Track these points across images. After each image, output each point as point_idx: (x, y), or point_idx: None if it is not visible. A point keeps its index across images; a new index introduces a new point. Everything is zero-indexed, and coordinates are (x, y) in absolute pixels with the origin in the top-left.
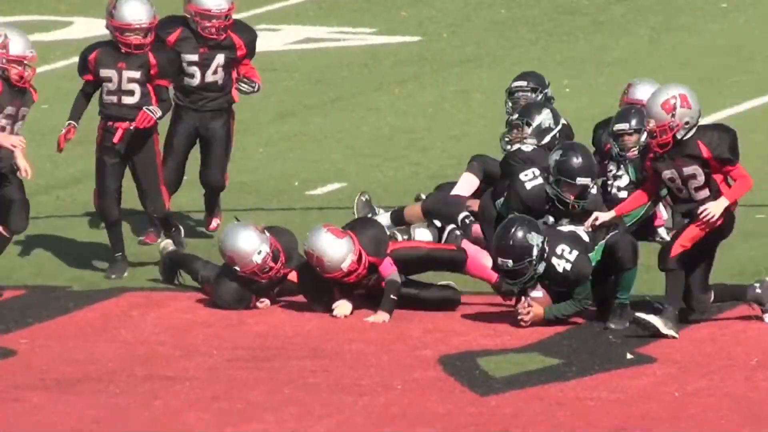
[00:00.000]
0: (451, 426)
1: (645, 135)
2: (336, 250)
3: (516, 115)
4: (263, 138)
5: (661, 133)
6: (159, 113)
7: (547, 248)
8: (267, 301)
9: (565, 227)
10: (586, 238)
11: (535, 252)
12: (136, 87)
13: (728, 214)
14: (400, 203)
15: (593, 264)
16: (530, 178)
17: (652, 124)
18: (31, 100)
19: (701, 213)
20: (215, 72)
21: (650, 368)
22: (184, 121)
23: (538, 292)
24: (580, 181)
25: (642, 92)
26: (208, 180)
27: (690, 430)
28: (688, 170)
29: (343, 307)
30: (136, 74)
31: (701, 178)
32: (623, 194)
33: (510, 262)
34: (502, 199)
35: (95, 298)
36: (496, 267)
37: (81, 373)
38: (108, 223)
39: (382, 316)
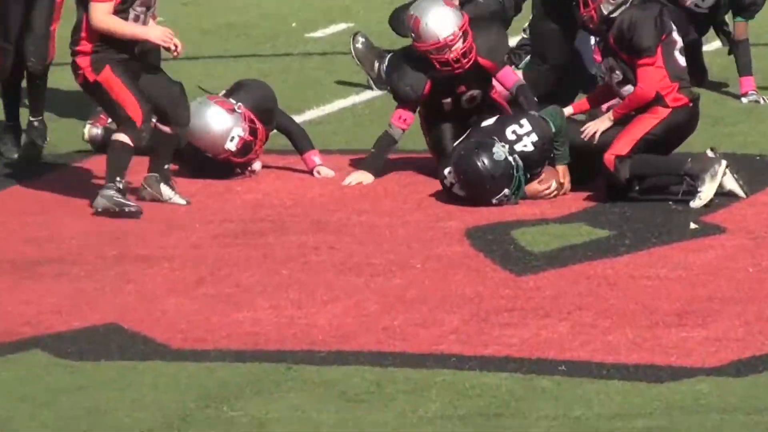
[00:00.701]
0: (480, 311)
1: None
2: (443, 17)
3: None
4: None
5: (584, 3)
6: None
7: (505, 145)
8: (258, 164)
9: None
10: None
11: (512, 161)
12: None
13: (688, 112)
14: None
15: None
16: None
17: None
18: None
19: (584, 130)
20: None
21: (718, 240)
22: None
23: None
24: None
25: None
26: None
27: (767, 312)
28: (609, 60)
29: (358, 175)
30: None
31: (619, 73)
32: (702, 10)
33: (507, 190)
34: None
35: (55, 165)
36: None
37: (39, 253)
38: (10, 88)
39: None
